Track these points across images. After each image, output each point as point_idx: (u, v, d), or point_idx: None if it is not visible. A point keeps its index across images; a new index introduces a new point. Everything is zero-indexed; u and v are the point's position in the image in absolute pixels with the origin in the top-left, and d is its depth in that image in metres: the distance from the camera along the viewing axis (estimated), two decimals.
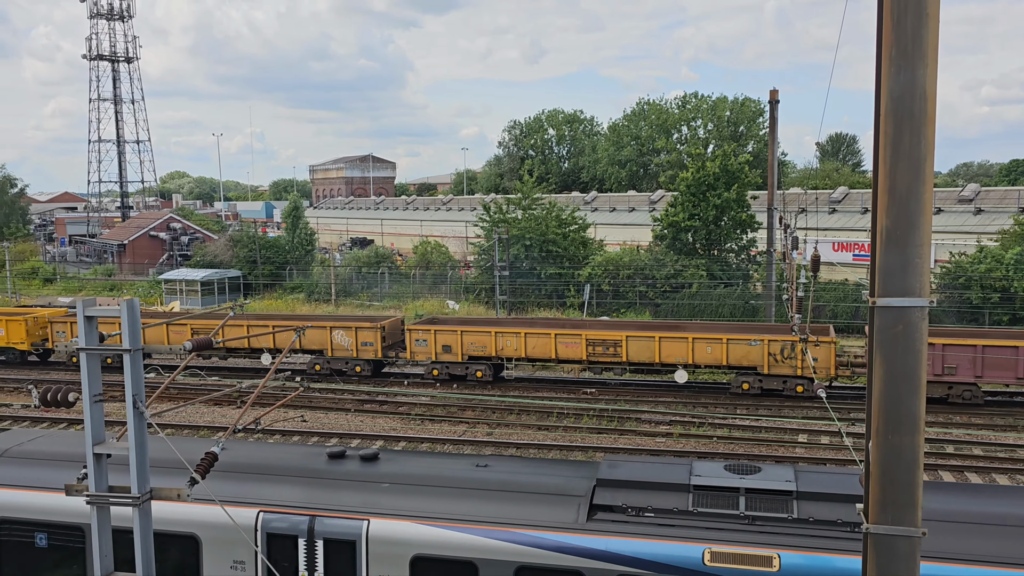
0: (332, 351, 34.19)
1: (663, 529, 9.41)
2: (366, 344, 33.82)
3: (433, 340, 32.80)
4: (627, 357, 30.95)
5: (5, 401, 31.98)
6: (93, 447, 9.31)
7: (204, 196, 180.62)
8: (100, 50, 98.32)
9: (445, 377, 33.24)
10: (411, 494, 10.61)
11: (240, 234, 68.62)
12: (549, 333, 31.92)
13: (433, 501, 10.38)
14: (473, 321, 36.18)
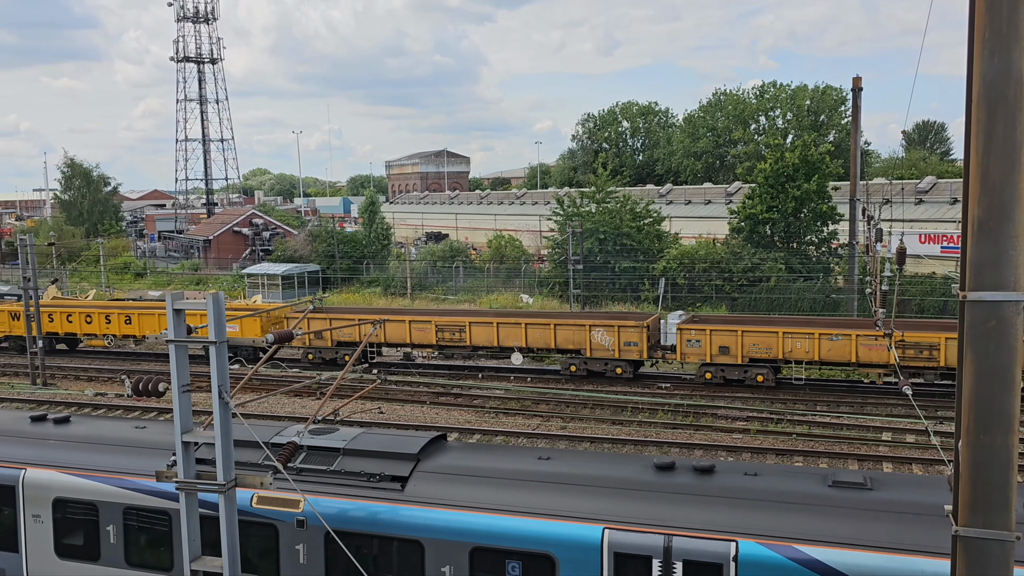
0: (591, 351, 32.13)
1: None
2: (629, 344, 31.58)
3: (708, 341, 30.51)
4: None
5: (101, 390, 33.50)
6: (182, 435, 9.69)
7: (284, 192, 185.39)
8: (186, 52, 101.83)
9: (719, 381, 30.78)
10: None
11: (319, 229, 70.18)
12: (850, 334, 29.15)
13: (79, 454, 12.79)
14: (753, 320, 34.02)
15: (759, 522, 9.64)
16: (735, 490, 10.22)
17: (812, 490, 10.06)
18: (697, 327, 31.39)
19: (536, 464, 11.17)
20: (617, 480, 10.64)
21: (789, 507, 9.78)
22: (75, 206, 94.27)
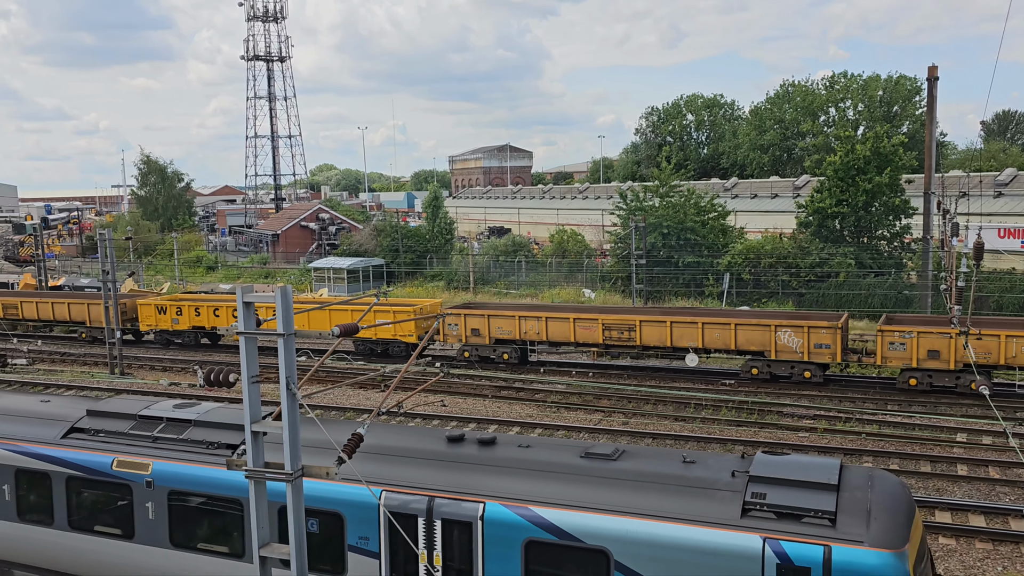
0: (776, 353, 30.06)
1: (100, 444, 13.32)
2: (820, 346, 29.50)
3: (915, 345, 28.52)
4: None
5: (175, 380, 34.60)
6: (251, 425, 9.94)
7: (350, 187, 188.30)
8: (256, 51, 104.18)
9: (927, 387, 28.64)
10: None
11: (383, 224, 71.09)
12: None
13: None
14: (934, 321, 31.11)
15: (507, 487, 10.89)
16: (500, 459, 11.47)
17: (565, 460, 11.24)
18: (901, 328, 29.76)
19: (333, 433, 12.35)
20: (406, 450, 12.02)
21: (540, 474, 10.98)
22: (151, 202, 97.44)
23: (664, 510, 10.10)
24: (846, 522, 9.42)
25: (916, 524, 10.00)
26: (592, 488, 10.63)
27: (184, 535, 12.62)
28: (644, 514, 10.07)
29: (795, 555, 9.22)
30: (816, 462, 10.79)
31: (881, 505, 9.72)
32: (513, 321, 33.77)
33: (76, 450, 13.40)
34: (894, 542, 9.23)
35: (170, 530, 12.66)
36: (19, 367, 37.97)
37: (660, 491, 10.37)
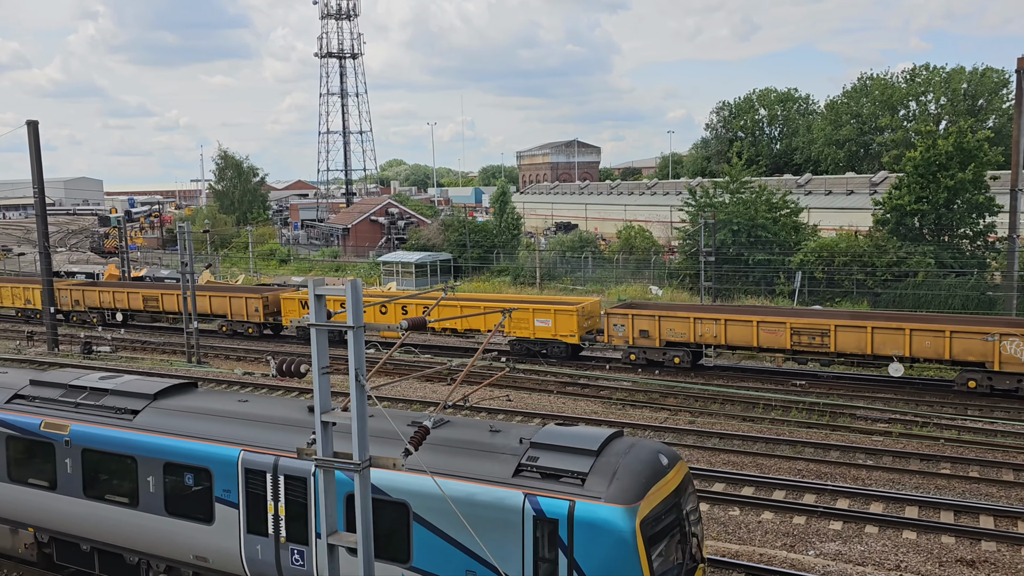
0: (999, 364, 27.23)
1: (34, 408, 15.40)
2: None
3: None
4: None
5: (249, 369, 35.56)
6: (321, 415, 10.16)
7: (419, 182, 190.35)
8: (329, 48, 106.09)
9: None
10: None
11: (451, 219, 71.67)
12: None
13: None
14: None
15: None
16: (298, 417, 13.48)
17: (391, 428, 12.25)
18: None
19: (234, 405, 14.50)
20: (270, 417, 13.79)
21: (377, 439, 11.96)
22: (227, 196, 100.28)
23: (454, 470, 11.59)
24: (593, 482, 10.96)
25: (661, 487, 11.32)
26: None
27: (95, 487, 14.64)
28: (436, 473, 11.35)
29: (547, 508, 10.87)
30: (589, 432, 12.10)
31: (627, 469, 11.17)
32: (687, 323, 31.88)
33: (14, 413, 15.56)
34: (627, 499, 10.73)
35: (83, 483, 14.69)
36: (103, 354, 39.57)
37: (457, 454, 11.86)
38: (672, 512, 11.48)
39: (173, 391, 15.24)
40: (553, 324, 33.53)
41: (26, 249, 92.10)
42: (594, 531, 10.65)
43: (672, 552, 11.40)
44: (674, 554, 11.45)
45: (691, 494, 12.16)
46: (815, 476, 21.49)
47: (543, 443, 11.67)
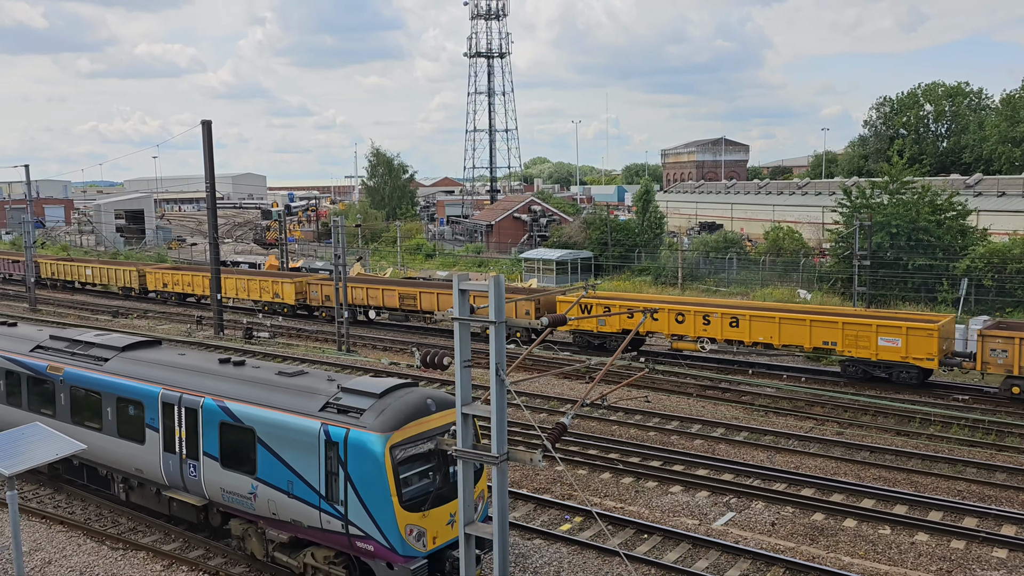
0: None
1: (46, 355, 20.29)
2: None
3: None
4: None
5: (395, 359, 36.90)
6: (462, 408, 10.42)
7: (561, 180, 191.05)
8: (478, 48, 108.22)
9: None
10: None
11: (593, 217, 71.48)
12: None
13: None
14: None
15: (219, 388, 16.52)
16: (229, 373, 17.14)
17: (262, 376, 16.74)
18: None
19: (172, 357, 18.83)
20: (191, 366, 17.95)
21: (240, 382, 16.58)
22: (378, 192, 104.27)
23: (285, 405, 15.34)
24: (366, 416, 14.17)
25: (419, 424, 14.29)
26: (257, 391, 16.07)
27: (78, 415, 19.31)
28: (273, 407, 15.42)
29: (333, 434, 14.31)
30: (382, 381, 15.45)
31: (392, 408, 14.26)
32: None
33: (31, 358, 20.60)
34: (384, 429, 13.87)
35: (71, 411, 19.47)
36: (262, 340, 42.12)
37: (292, 394, 15.55)
38: (428, 443, 14.41)
39: (139, 346, 19.94)
40: (904, 344, 29.51)
41: (198, 239, 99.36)
42: (359, 451, 13.96)
43: (426, 474, 14.42)
44: (429, 477, 14.43)
45: None
46: (977, 498, 20.04)
47: (348, 388, 15.13)
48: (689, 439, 25.04)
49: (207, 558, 17.45)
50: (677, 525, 18.82)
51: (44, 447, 12.26)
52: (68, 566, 17.18)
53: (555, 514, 19.70)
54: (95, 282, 61.74)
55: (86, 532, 18.79)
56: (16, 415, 20.53)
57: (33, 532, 18.71)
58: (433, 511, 14.17)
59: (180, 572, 16.92)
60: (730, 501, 20.31)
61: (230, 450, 15.98)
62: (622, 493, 20.96)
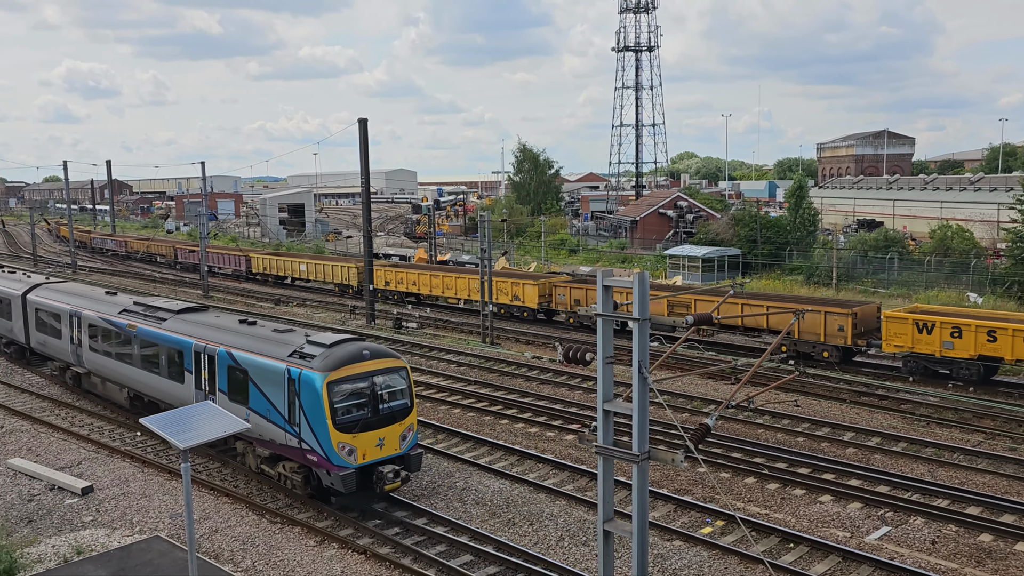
0: None
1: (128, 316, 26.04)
2: None
3: None
4: None
5: (537, 353, 37.24)
6: (603, 404, 10.38)
7: (709, 176, 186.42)
8: (626, 42, 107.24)
9: None
10: None
11: (742, 213, 69.33)
12: None
13: None
14: None
15: (230, 341, 21.45)
16: (243, 330, 22.07)
17: (261, 333, 21.63)
18: None
19: (209, 319, 24.09)
20: (218, 325, 23.13)
21: (245, 337, 21.47)
22: (524, 187, 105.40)
23: (266, 352, 20.15)
24: (315, 360, 18.67)
25: (353, 368, 18.67)
26: (254, 343, 20.95)
27: (145, 363, 24.89)
28: (259, 353, 20.28)
29: (292, 373, 18.84)
30: (334, 336, 19.98)
31: (334, 355, 18.76)
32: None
33: (117, 318, 26.57)
34: (324, 369, 18.37)
35: (141, 360, 25.07)
36: (410, 330, 43.59)
37: (273, 345, 20.36)
38: (361, 382, 18.85)
39: (189, 310, 25.22)
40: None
41: (352, 232, 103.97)
42: (307, 386, 18.45)
43: (359, 406, 18.77)
44: (361, 408, 18.81)
45: (391, 376, 19.48)
46: None
47: (311, 340, 19.76)
48: (841, 447, 23.87)
49: (356, 537, 18.28)
50: (826, 536, 18.02)
51: (214, 424, 13.23)
52: (232, 536, 18.46)
53: (696, 516, 19.31)
54: (308, 278, 59.65)
55: (248, 505, 20.13)
56: (108, 360, 27.13)
57: (202, 502, 20.22)
58: (362, 434, 18.59)
59: (331, 548, 17.82)
60: (885, 515, 19.22)
61: (234, 386, 20.88)
62: (767, 499, 20.27)
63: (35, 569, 16.82)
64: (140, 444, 25.13)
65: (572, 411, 27.51)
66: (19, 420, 27.82)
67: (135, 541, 18.04)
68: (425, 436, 25.58)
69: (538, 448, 24.26)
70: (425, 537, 18.26)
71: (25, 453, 24.32)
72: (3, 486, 21.68)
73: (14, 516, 19.72)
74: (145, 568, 16.58)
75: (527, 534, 18.50)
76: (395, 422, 19.19)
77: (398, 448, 19.16)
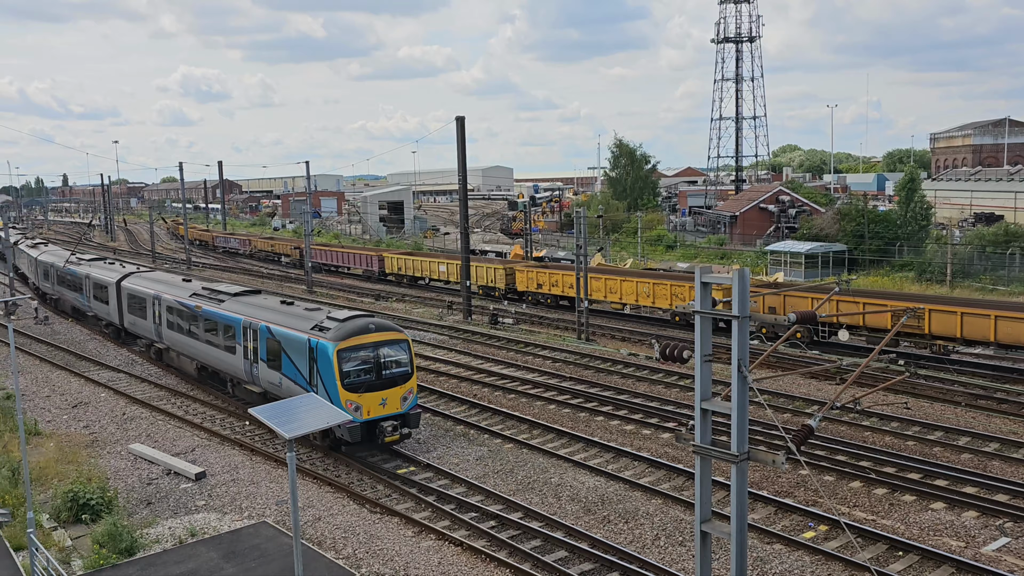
0: None
1: (196, 299, 30.65)
2: None
3: None
4: None
5: (633, 350, 36.92)
6: (701, 402, 10.21)
7: (813, 169, 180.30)
8: (726, 33, 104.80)
9: None
10: None
11: (848, 207, 66.79)
12: None
13: None
14: None
15: (268, 317, 25.68)
16: (282, 309, 26.26)
17: (293, 311, 25.69)
18: None
19: (259, 300, 28.29)
20: (263, 306, 27.36)
21: (280, 314, 25.61)
22: (620, 183, 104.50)
23: (292, 326, 24.12)
24: (329, 332, 22.53)
25: (360, 339, 22.48)
26: (287, 319, 24.76)
27: (207, 337, 29.16)
28: (289, 327, 24.16)
29: (312, 343, 22.69)
30: (346, 313, 24.05)
31: (344, 328, 22.62)
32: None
33: (188, 300, 30.83)
34: (335, 340, 22.19)
35: (204, 335, 29.34)
36: (506, 325, 43.91)
37: (297, 319, 24.37)
38: (367, 351, 22.52)
39: (244, 293, 29.80)
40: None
41: (450, 229, 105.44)
42: (322, 352, 22.31)
43: (364, 371, 22.43)
44: (365, 372, 22.43)
45: (394, 347, 23.06)
46: None
47: (329, 316, 23.69)
48: (955, 452, 22.72)
49: (452, 529, 18.58)
50: (938, 545, 17.20)
51: (317, 415, 13.67)
52: (334, 524, 19.05)
53: (797, 520, 18.76)
54: (447, 279, 55.64)
55: (349, 495, 20.72)
56: (181, 336, 31.76)
57: (306, 490, 20.95)
58: (367, 394, 22.29)
59: (428, 539, 18.17)
60: (1004, 525, 18.20)
61: (271, 355, 24.91)
62: (874, 504, 19.50)
63: (153, 549, 17.79)
64: (248, 433, 26.22)
65: (668, 409, 27.15)
66: (139, 408, 29.49)
67: (244, 526, 18.85)
68: (520, 431, 25.75)
69: (633, 446, 24.07)
70: (520, 532, 18.38)
71: (144, 439, 25.75)
72: (125, 469, 23.02)
73: (135, 498, 20.90)
74: (253, 552, 17.29)
75: (622, 532, 18.38)
76: (396, 385, 22.80)
77: (399, 408, 22.76)
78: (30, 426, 26.12)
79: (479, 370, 33.91)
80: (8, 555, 17.40)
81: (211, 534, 18.48)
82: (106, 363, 36.81)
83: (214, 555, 17.23)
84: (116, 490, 20.97)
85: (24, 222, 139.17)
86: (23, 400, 26.09)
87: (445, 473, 21.97)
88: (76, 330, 45.34)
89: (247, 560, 16.90)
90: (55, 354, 39.17)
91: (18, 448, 22.50)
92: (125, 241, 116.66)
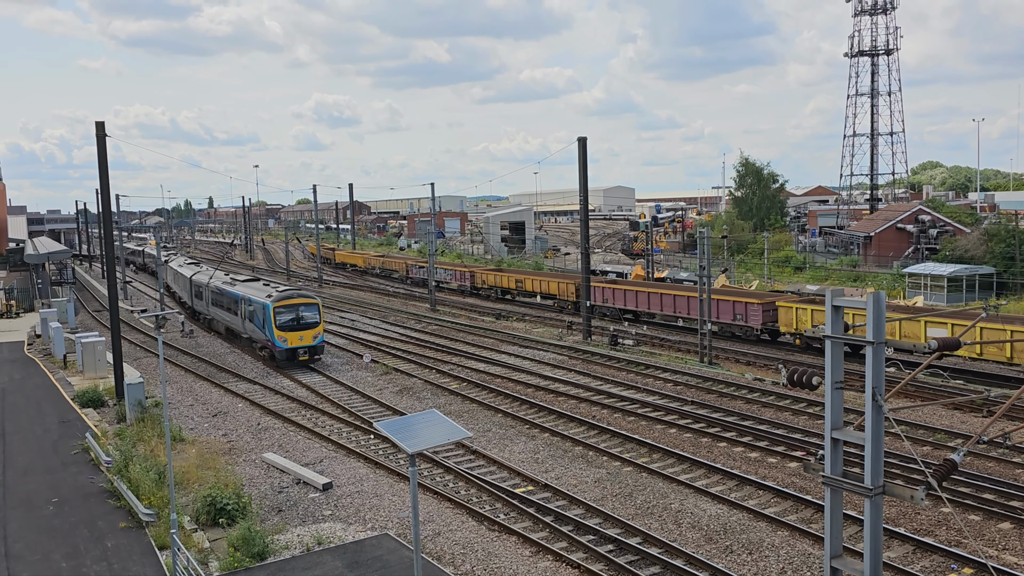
0: None
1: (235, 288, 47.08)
2: None
3: None
4: None
5: (759, 375, 35.75)
6: (832, 431, 9.75)
7: (957, 187, 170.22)
8: (861, 46, 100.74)
9: None
10: None
11: (996, 227, 62.64)
12: None
13: None
14: None
15: (253, 293, 42.74)
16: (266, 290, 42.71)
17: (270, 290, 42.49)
18: None
19: (258, 285, 45.58)
20: (252, 286, 45.19)
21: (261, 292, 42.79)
22: (746, 202, 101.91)
23: (261, 297, 40.96)
24: (271, 293, 40.89)
25: (288, 301, 39.66)
26: (260, 293, 41.57)
27: (229, 308, 46.24)
28: (260, 297, 41.02)
29: (264, 305, 40.04)
30: (287, 286, 51.49)
31: (279, 294, 40.50)
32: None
33: (225, 287, 47.22)
34: (273, 301, 39.58)
35: (240, 314, 43.81)
36: (626, 347, 43.44)
37: (266, 293, 41.62)
38: (293, 311, 39.60)
39: (249, 280, 48.06)
40: None
41: (571, 249, 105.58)
42: (264, 309, 39.76)
43: (290, 321, 39.49)
44: (291, 321, 39.49)
45: (309, 308, 40.00)
46: None
47: (275, 290, 41.55)
48: None
49: (569, 551, 18.45)
50: None
51: (438, 431, 13.93)
52: (453, 539, 19.30)
53: (939, 561, 17.58)
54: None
55: (468, 511, 20.95)
56: (224, 312, 47.00)
57: (427, 505, 21.33)
58: (290, 333, 39.26)
59: (545, 559, 18.11)
60: None
61: (250, 315, 41.39)
62: None
63: (283, 555, 18.53)
64: (373, 447, 26.98)
65: (796, 437, 26.09)
66: (272, 419, 30.90)
67: (367, 537, 19.37)
68: (639, 454, 25.36)
69: (758, 474, 23.24)
70: (639, 557, 18.06)
71: (276, 448, 26.94)
72: (258, 477, 24.14)
73: (267, 505, 21.86)
74: (375, 563, 17.73)
75: (746, 563, 17.76)
76: (309, 329, 39.69)
77: (311, 342, 39.85)
78: (175, 432, 27.80)
79: (598, 391, 33.68)
80: (153, 553, 18.55)
81: (336, 543, 19.07)
82: (243, 375, 38.88)
83: (339, 564, 17.77)
84: (250, 496, 21.99)
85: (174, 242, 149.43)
86: (169, 408, 27.80)
87: (563, 494, 21.88)
88: (217, 343, 48.20)
89: (369, 571, 17.34)
90: (198, 365, 41.74)
91: (164, 453, 24.01)
92: (263, 259, 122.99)
